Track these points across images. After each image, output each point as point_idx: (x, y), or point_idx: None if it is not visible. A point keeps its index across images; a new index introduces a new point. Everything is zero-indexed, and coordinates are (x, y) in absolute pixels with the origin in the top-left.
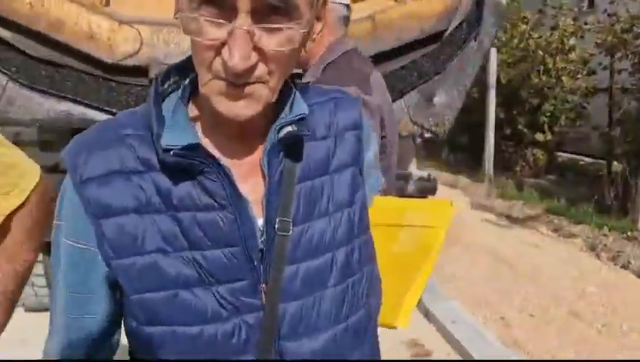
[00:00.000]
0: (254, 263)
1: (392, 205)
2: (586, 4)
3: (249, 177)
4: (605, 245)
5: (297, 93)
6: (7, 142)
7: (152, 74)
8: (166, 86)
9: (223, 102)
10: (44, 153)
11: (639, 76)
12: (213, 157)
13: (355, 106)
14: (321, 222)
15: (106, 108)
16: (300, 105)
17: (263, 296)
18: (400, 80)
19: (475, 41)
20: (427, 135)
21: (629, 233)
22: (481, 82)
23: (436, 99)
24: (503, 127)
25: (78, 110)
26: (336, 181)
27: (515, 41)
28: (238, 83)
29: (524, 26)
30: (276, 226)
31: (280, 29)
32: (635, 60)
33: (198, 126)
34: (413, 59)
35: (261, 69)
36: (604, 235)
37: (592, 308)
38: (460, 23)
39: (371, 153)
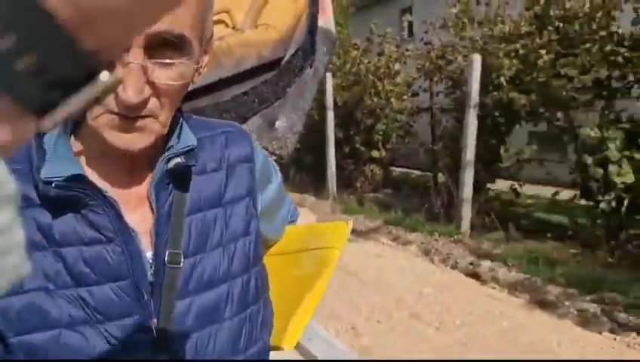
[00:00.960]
0: (144, 298)
1: (295, 232)
2: (406, 32)
3: (137, 208)
4: (437, 249)
5: (184, 123)
6: None
7: None
8: None
9: (113, 134)
10: None
11: (453, 97)
12: (97, 188)
13: (246, 140)
14: (215, 254)
15: None
16: (187, 136)
17: (155, 332)
18: (242, 105)
19: (311, 68)
20: (272, 158)
21: (455, 237)
22: (321, 104)
23: (278, 123)
24: (342, 146)
25: None
26: (230, 213)
27: (348, 66)
28: (130, 116)
29: (355, 52)
30: (166, 259)
31: (172, 64)
32: (449, 84)
33: (82, 158)
34: (254, 86)
35: (153, 103)
36: (435, 240)
37: (429, 308)
38: (295, 51)
39: (275, 185)
